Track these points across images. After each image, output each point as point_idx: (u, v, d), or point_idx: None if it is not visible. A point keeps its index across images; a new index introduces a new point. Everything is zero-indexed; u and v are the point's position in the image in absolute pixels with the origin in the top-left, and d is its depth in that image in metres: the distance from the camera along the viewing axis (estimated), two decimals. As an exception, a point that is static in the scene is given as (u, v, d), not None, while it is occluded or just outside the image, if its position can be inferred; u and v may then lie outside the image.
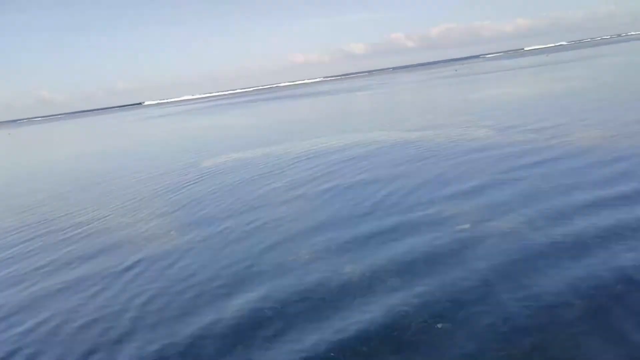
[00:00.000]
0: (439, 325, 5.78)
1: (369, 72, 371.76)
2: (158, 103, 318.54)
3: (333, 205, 11.72)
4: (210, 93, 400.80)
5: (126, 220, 13.34)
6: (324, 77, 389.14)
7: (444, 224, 9.06)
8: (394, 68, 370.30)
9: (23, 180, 26.72)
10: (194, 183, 17.41)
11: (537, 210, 8.98)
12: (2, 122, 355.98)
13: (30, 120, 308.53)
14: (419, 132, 21.65)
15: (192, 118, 72.19)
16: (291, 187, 14.40)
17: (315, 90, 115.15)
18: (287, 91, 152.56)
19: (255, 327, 6.44)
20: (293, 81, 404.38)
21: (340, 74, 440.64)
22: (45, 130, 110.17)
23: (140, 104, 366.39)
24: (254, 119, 52.88)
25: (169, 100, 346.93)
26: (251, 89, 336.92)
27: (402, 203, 10.94)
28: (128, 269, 9.40)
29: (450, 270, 7.15)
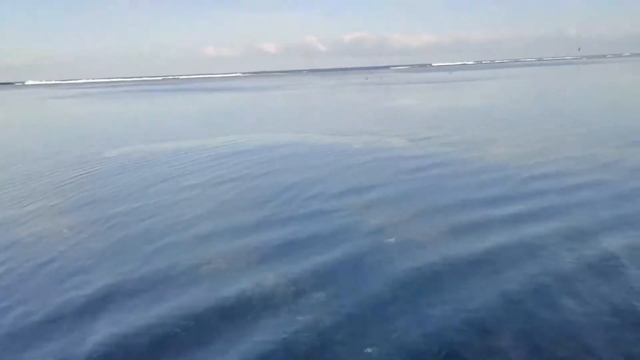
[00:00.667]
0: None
1: (282, 72, 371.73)
2: (43, 84, 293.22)
3: (236, 205, 11.37)
4: (108, 78, 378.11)
5: (9, 214, 11.74)
6: (237, 73, 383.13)
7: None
8: (306, 70, 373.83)
9: None
10: (92, 174, 15.93)
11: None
12: None
13: None
14: (335, 137, 21.54)
15: (89, 103, 67.43)
16: (196, 185, 13.56)
17: (228, 86, 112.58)
18: (196, 83, 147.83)
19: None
20: (203, 74, 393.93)
21: (252, 71, 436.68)
22: None
23: (22, 83, 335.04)
24: (160, 109, 50.47)
25: (56, 82, 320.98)
26: (156, 78, 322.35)
27: (303, 201, 11.20)
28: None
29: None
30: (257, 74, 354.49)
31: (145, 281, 7.46)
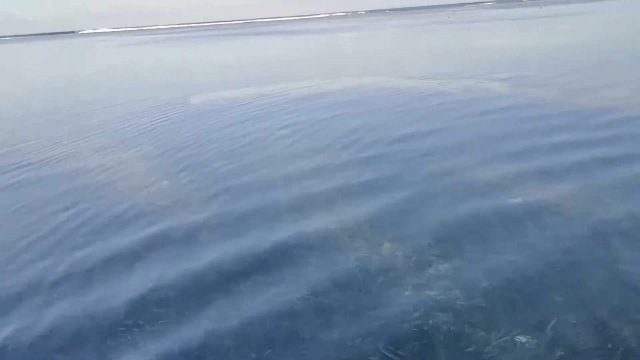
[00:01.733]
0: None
1: (360, 12, 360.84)
2: (100, 32, 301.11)
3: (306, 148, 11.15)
4: (174, 24, 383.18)
5: (109, 162, 11.75)
6: (311, 15, 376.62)
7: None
8: (378, 10, 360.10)
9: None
10: (182, 121, 15.79)
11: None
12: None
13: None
14: (425, 81, 20.09)
15: (163, 49, 68.36)
16: (291, 132, 12.96)
17: (298, 28, 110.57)
18: (265, 27, 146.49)
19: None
20: (270, 18, 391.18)
21: (318, 13, 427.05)
22: (15, 51, 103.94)
23: (73, 32, 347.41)
24: (235, 54, 50.19)
25: (117, 30, 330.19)
26: (221, 23, 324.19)
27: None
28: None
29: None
30: (324, 15, 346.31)
31: (230, 217, 7.74)
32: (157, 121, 16.11)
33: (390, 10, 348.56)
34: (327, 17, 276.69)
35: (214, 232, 7.29)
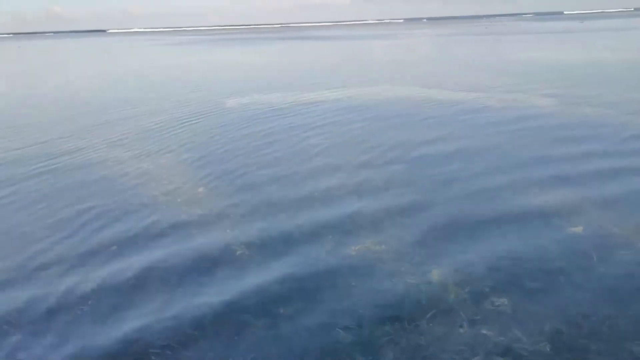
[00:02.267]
0: None
1: (393, 20, 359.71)
2: (132, 31, 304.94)
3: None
4: (203, 26, 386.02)
5: (148, 166, 11.54)
6: (346, 21, 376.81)
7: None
8: (420, 18, 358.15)
9: (24, 100, 24.72)
10: (224, 126, 15.58)
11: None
12: (16, 33, 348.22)
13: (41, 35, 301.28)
14: (470, 94, 19.48)
15: (195, 51, 68.84)
16: (331, 143, 12.54)
17: (334, 35, 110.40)
18: (297, 32, 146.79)
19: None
20: (300, 22, 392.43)
21: (354, 19, 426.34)
22: (53, 47, 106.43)
23: (103, 31, 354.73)
24: (267, 58, 50.13)
25: (150, 29, 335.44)
26: (254, 26, 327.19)
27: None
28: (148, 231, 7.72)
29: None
30: (359, 22, 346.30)
31: (269, 234, 7.33)
32: (194, 125, 15.96)
33: (427, 19, 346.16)
34: (361, 24, 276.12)
35: (251, 249, 6.92)
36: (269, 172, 10.36)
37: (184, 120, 16.65)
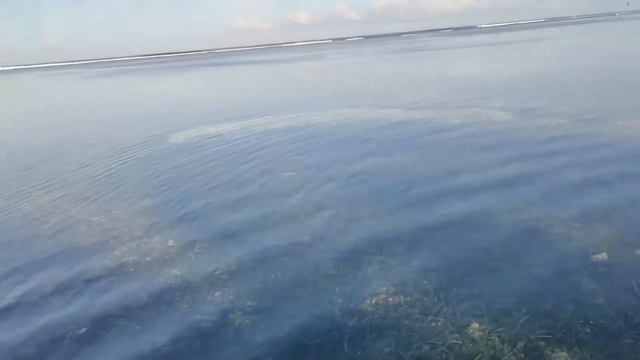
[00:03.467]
0: None
1: (315, 42, 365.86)
2: (52, 65, 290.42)
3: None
4: (130, 56, 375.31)
5: (90, 214, 10.17)
6: (269, 45, 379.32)
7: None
8: (340, 39, 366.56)
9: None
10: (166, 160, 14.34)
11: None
12: None
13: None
14: (418, 111, 19.33)
15: (122, 83, 66.20)
16: (303, 177, 11.70)
17: (264, 59, 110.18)
18: (231, 57, 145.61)
19: None
20: (236, 47, 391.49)
21: (285, 42, 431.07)
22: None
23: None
24: (206, 86, 48.74)
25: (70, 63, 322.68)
26: (188, 53, 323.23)
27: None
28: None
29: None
30: (290, 44, 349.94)
31: (261, 292, 5.83)
32: (137, 162, 14.62)
33: (350, 38, 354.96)
34: (288, 46, 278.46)
35: (245, 313, 5.91)
36: (241, 213, 9.37)
37: (128, 158, 15.30)
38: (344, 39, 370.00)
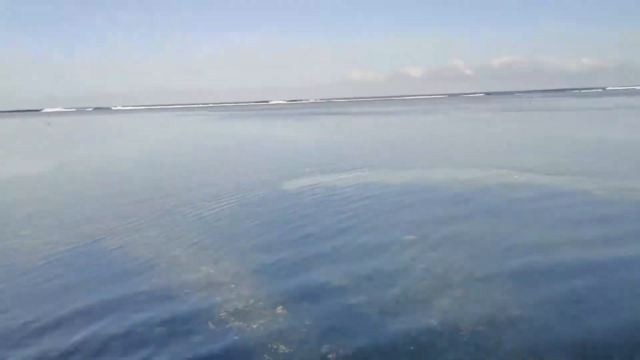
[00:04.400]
0: None
1: (427, 96, 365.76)
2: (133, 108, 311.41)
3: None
4: (249, 102, 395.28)
5: (191, 256, 9.56)
6: (382, 97, 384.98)
7: None
8: (451, 95, 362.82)
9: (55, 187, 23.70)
10: (283, 212, 13.62)
11: None
12: (22, 111, 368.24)
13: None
14: (544, 176, 17.20)
15: (247, 125, 69.18)
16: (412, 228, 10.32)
17: (379, 110, 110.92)
18: (344, 107, 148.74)
19: None
20: (348, 98, 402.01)
21: (396, 95, 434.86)
22: (82, 122, 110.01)
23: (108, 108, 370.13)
24: (321, 134, 49.09)
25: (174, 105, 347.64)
26: (302, 102, 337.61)
27: None
28: None
29: None
30: (401, 97, 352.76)
31: None
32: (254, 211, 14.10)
33: (463, 94, 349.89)
34: (399, 99, 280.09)
35: None
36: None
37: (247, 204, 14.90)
38: (457, 94, 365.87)
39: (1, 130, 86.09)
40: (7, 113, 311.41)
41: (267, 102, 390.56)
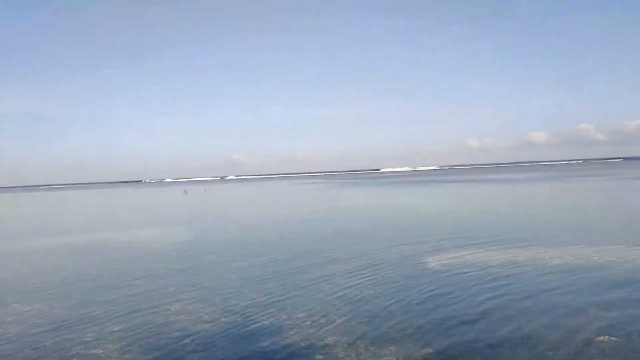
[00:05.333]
0: None
1: (553, 162, 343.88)
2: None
3: None
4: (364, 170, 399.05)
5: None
6: (502, 163, 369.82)
7: None
8: (585, 160, 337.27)
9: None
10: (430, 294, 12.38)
11: None
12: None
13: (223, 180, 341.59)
14: None
15: (366, 193, 68.88)
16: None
17: (502, 177, 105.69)
18: (464, 175, 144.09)
19: None
20: (468, 165, 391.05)
21: (519, 161, 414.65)
22: (232, 189, 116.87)
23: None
24: (448, 203, 47.12)
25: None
26: (424, 169, 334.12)
27: None
28: None
29: None
30: (525, 164, 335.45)
31: None
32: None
33: (594, 160, 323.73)
34: (520, 166, 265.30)
35: None
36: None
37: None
38: (588, 159, 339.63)
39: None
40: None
41: (377, 170, 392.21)
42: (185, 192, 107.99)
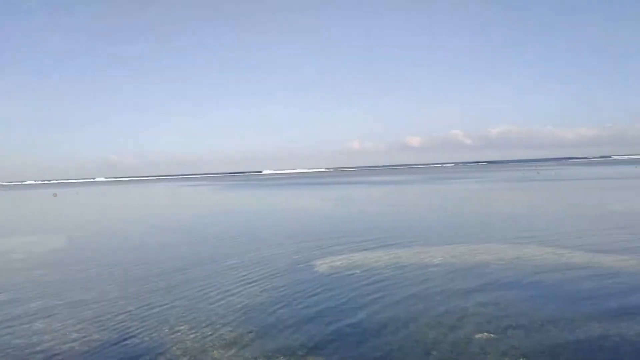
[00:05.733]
0: None
1: (427, 165, 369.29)
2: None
3: None
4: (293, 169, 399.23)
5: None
6: (382, 166, 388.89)
7: None
8: (455, 163, 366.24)
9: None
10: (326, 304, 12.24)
11: None
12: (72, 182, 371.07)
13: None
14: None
15: (257, 194, 68.39)
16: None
17: (384, 179, 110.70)
18: (348, 177, 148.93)
19: None
20: (349, 167, 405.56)
21: (396, 164, 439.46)
22: (104, 192, 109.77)
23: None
24: (335, 204, 48.05)
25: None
26: (308, 171, 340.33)
27: None
28: None
29: None
30: (403, 166, 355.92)
31: None
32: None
33: (464, 163, 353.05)
34: (403, 167, 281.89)
35: None
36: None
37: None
38: (458, 162, 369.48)
39: None
40: None
41: (259, 172, 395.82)
42: (55, 194, 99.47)
